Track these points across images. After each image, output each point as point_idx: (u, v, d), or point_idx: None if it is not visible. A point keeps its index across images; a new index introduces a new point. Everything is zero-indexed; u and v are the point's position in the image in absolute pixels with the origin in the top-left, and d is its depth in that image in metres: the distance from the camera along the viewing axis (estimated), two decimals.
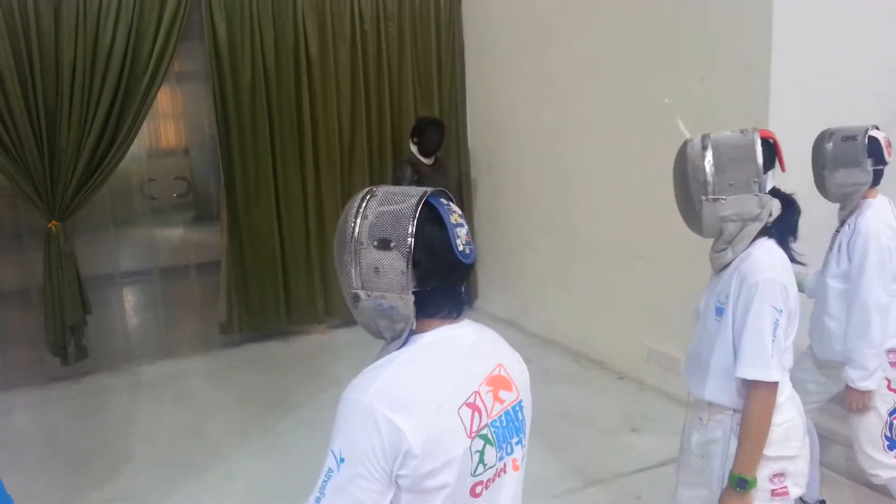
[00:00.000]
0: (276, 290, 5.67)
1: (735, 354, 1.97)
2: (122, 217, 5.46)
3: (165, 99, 5.58)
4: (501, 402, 1.29)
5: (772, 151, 1.98)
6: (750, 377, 1.92)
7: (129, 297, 5.69)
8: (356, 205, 1.25)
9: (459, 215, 1.25)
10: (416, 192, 1.24)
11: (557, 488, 3.47)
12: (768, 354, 1.90)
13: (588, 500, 3.42)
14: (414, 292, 1.22)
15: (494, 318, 6.00)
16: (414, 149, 5.37)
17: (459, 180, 6.34)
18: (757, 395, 1.92)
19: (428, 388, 1.20)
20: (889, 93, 4.06)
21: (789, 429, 2.01)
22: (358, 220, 1.23)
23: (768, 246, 1.99)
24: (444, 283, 1.25)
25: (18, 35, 4.54)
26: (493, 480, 1.26)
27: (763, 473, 1.96)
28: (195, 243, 5.89)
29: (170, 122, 5.74)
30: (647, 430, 4.08)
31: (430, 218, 1.22)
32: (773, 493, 1.98)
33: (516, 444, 1.31)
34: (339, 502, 1.16)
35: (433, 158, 5.42)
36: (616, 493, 3.46)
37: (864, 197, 2.75)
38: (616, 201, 4.73)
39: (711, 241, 2.14)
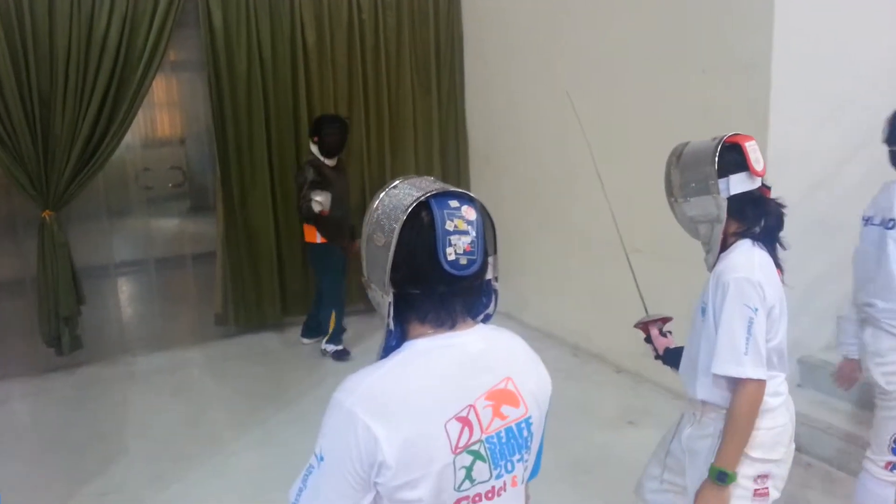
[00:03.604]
0: (271, 281, 5.64)
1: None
2: (116, 207, 5.43)
3: (160, 88, 5.53)
4: (503, 417, 1.23)
5: (739, 156, 2.00)
6: (721, 373, 1.96)
7: (124, 288, 5.66)
8: (380, 193, 1.25)
9: (467, 222, 1.18)
10: (425, 189, 1.20)
11: (554, 481, 3.45)
12: (741, 351, 1.92)
13: (585, 494, 3.41)
14: (395, 294, 1.20)
15: (505, 316, 5.98)
16: (314, 149, 4.92)
17: (458, 172, 6.31)
18: (741, 392, 1.95)
19: (412, 398, 1.17)
20: (890, 88, 4.04)
21: (780, 434, 2.06)
22: (374, 208, 1.23)
23: (747, 247, 2.03)
24: (427, 290, 1.20)
25: (12, 23, 4.49)
26: (490, 498, 1.23)
27: (748, 473, 2.00)
28: (191, 234, 5.86)
29: (165, 112, 5.70)
30: (644, 424, 4.07)
31: (422, 221, 1.18)
32: (756, 492, 2.03)
33: (518, 461, 1.26)
34: (317, 498, 1.16)
35: (335, 160, 5.00)
36: (613, 486, 3.45)
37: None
38: (615, 194, 4.70)
39: None
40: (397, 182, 1.25)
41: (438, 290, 1.20)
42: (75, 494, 3.53)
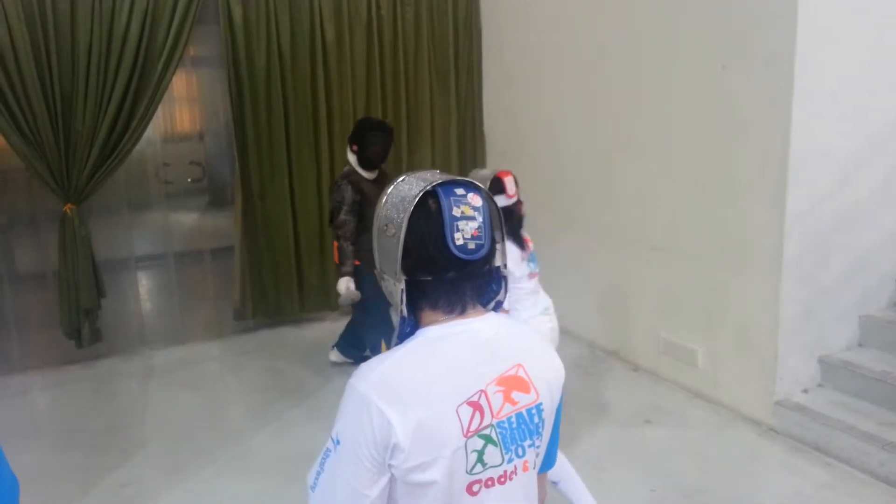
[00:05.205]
0: (289, 276, 5.66)
1: None
2: (136, 201, 5.47)
3: (181, 83, 5.56)
4: (514, 403, 1.26)
5: (500, 185, 3.07)
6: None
7: (144, 282, 5.70)
8: (388, 189, 1.30)
9: (473, 208, 1.24)
10: (431, 180, 1.26)
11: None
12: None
13: (602, 492, 3.39)
14: (406, 281, 1.25)
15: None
16: (353, 159, 4.27)
17: (476, 169, 6.30)
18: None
19: (424, 382, 1.20)
20: None
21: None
22: (383, 203, 1.28)
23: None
24: (437, 276, 1.25)
25: (35, 18, 4.53)
26: (502, 483, 1.25)
27: None
28: (209, 228, 5.90)
29: (185, 107, 5.73)
30: (661, 423, 4.05)
31: (430, 208, 1.23)
32: None
33: (529, 447, 1.28)
34: (334, 480, 1.20)
35: (377, 172, 4.33)
36: (630, 485, 3.44)
37: None
38: (635, 191, 4.68)
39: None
40: (404, 177, 1.31)
41: (448, 275, 1.25)
42: (94, 486, 3.56)
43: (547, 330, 3.15)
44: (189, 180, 5.68)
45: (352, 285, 4.13)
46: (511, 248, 3.01)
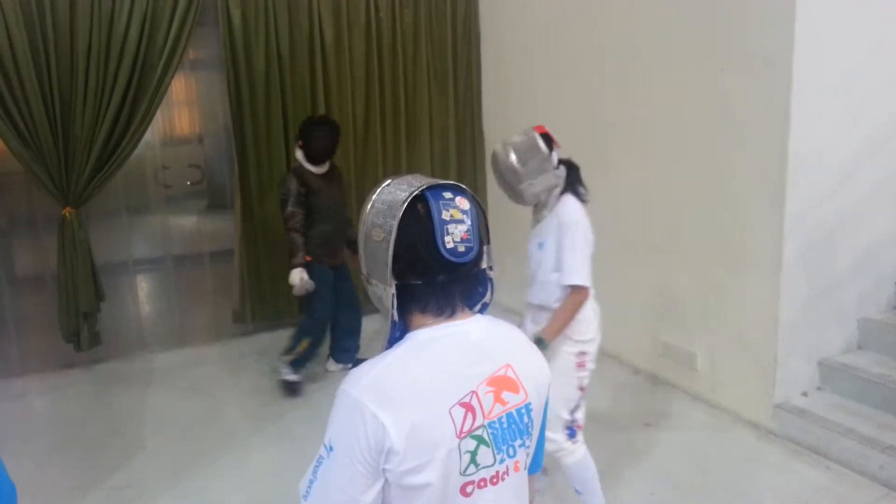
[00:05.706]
0: (288, 279, 5.64)
1: (559, 271, 2.77)
2: (135, 204, 5.47)
3: (180, 86, 5.57)
4: (504, 403, 1.27)
5: (548, 138, 2.83)
6: (569, 283, 2.75)
7: (143, 285, 5.70)
8: (372, 194, 1.30)
9: (462, 211, 1.24)
10: (417, 184, 1.26)
11: (569, 482, 3.43)
12: (580, 268, 2.76)
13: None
14: (397, 285, 1.25)
15: (509, 311, 5.95)
16: (299, 155, 4.45)
17: (474, 171, 6.31)
18: (576, 294, 2.76)
19: (417, 385, 1.21)
20: None
21: (590, 321, 2.88)
22: (368, 208, 1.29)
23: (572, 199, 2.86)
24: (427, 279, 1.25)
25: (34, 22, 4.53)
26: (495, 483, 1.26)
27: (572, 351, 2.80)
28: (208, 231, 5.89)
29: (184, 110, 5.73)
30: (661, 426, 4.04)
31: (419, 212, 1.23)
32: (578, 365, 2.82)
33: (519, 446, 1.29)
34: (328, 488, 1.20)
35: (326, 166, 4.50)
36: (629, 488, 3.44)
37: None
38: (633, 192, 4.68)
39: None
40: (389, 181, 1.31)
41: (438, 278, 1.25)
42: (93, 488, 3.56)
43: (593, 314, 2.95)
44: (188, 183, 5.68)
45: (305, 276, 4.33)
46: (576, 205, 2.83)
